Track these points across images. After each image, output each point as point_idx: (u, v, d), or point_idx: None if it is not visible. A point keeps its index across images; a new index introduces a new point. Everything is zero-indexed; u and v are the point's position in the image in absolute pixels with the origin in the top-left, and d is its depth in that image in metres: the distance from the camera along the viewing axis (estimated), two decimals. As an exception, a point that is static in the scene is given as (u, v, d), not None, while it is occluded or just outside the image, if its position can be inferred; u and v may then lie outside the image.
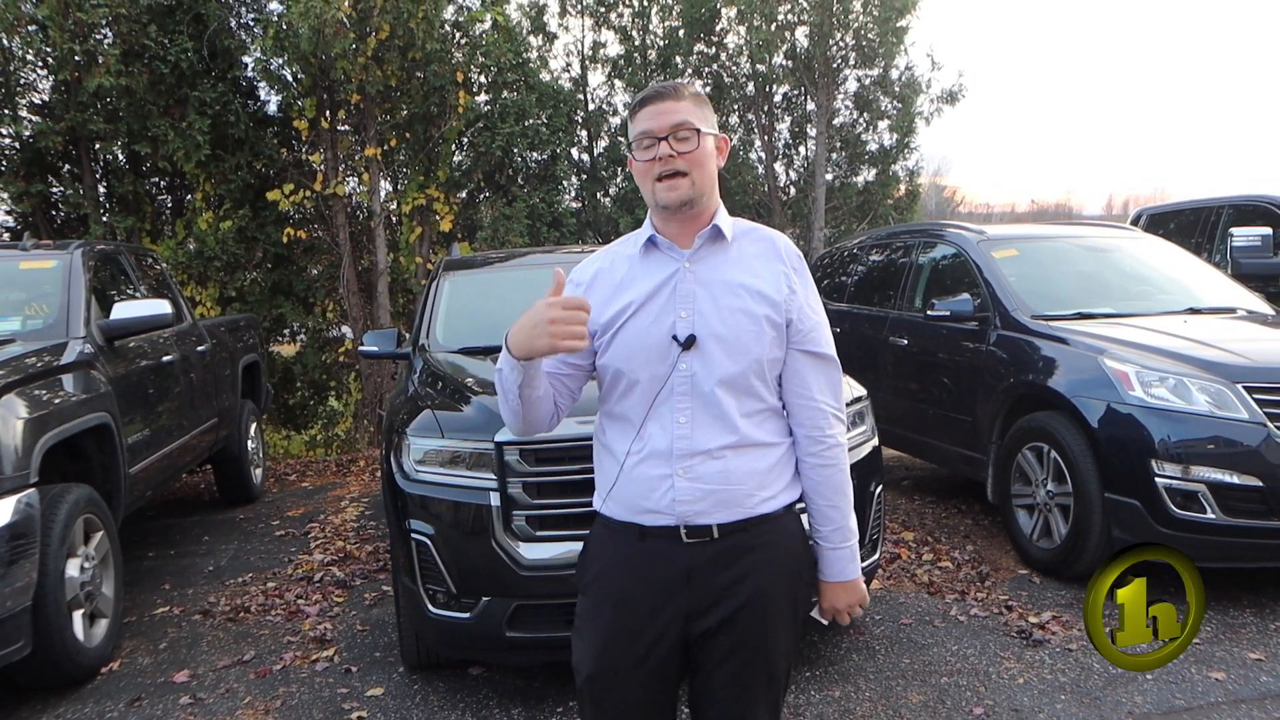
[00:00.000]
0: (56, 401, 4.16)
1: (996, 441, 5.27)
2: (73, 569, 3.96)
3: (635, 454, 1.90)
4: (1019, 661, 3.85)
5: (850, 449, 3.65)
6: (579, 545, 3.20)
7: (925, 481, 7.01)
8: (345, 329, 11.29)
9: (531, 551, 3.27)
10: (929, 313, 5.72)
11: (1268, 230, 6.90)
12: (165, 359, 5.66)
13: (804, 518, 2.01)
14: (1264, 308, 5.63)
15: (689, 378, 1.87)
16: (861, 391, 3.95)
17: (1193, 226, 8.72)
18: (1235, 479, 4.17)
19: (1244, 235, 6.93)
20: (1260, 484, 4.14)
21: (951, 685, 3.66)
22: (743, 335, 1.87)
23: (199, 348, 6.39)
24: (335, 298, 10.81)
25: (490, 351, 4.31)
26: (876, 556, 3.86)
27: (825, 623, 2.04)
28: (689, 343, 1.86)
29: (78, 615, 3.98)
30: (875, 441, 3.91)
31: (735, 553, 1.88)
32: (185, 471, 6.50)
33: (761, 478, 1.90)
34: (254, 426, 7.59)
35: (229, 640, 4.44)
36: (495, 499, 3.27)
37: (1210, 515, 4.19)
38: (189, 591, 5.18)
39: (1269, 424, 4.19)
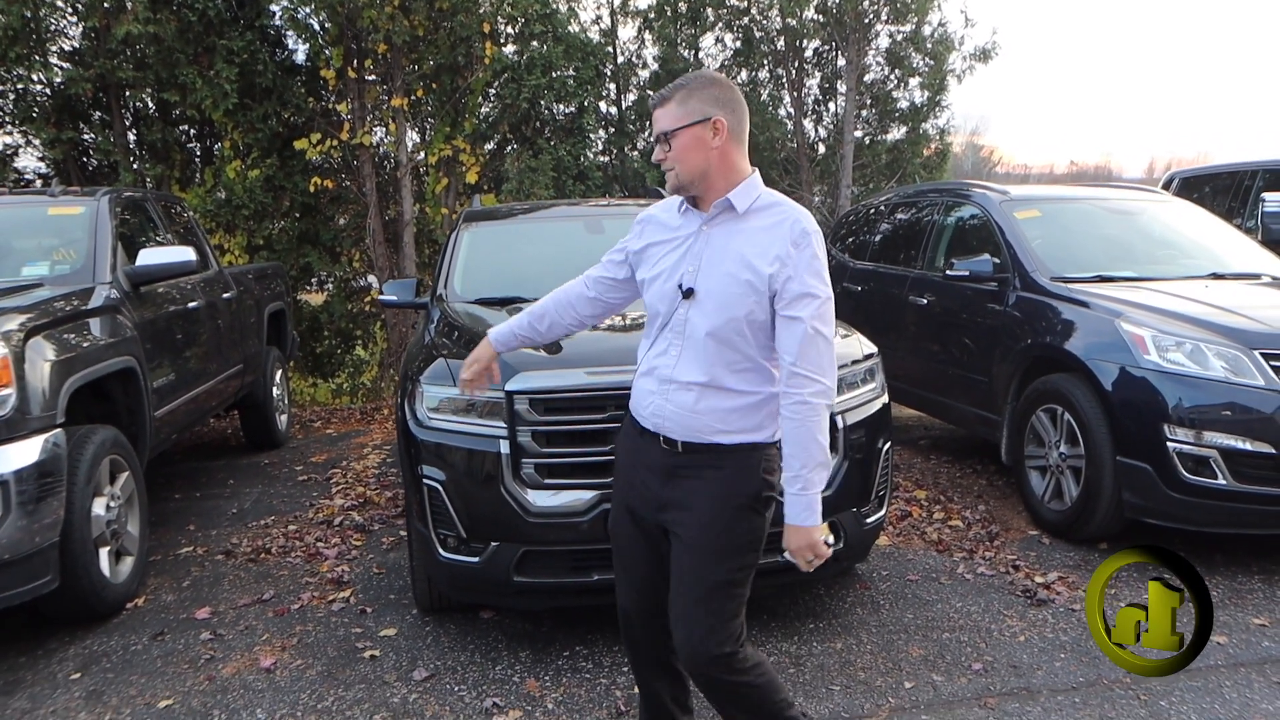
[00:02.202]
0: (83, 345, 4.26)
1: (1012, 403, 5.27)
2: (99, 507, 4.08)
3: (642, 366, 2.40)
4: (1022, 620, 3.90)
5: (859, 405, 3.72)
6: (586, 494, 3.34)
7: (942, 441, 7.02)
8: (371, 278, 11.38)
9: (539, 499, 3.34)
10: (948, 272, 5.70)
11: (1300, 195, 6.79)
12: (191, 305, 5.76)
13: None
14: (1290, 274, 5.56)
15: (684, 322, 2.28)
16: (871, 349, 3.97)
17: (1226, 190, 8.60)
18: (1248, 445, 4.16)
19: (1276, 200, 6.82)
20: (1273, 450, 4.13)
21: (953, 641, 3.71)
22: (727, 296, 2.21)
23: (224, 295, 6.48)
24: (361, 247, 10.89)
25: (507, 303, 4.36)
26: (883, 513, 3.89)
27: (784, 560, 2.28)
28: (688, 293, 2.27)
29: (104, 552, 4.11)
30: (885, 399, 3.92)
31: (693, 468, 2.27)
32: (210, 416, 6.63)
33: (724, 416, 2.25)
34: (279, 373, 7.71)
35: (249, 580, 4.56)
36: (505, 447, 3.34)
37: (1221, 481, 4.19)
38: (213, 532, 5.32)
39: (1285, 390, 4.16)
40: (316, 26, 9.74)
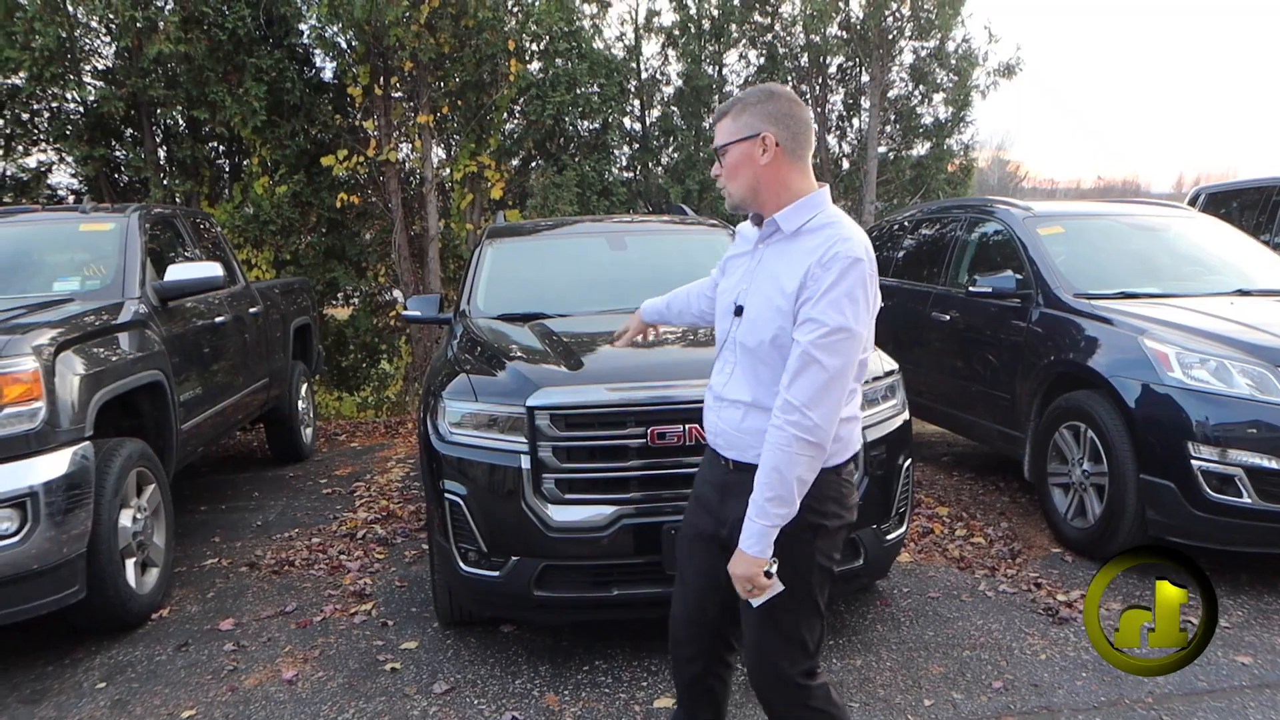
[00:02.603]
0: (112, 359, 4.34)
1: (1034, 420, 5.25)
2: (125, 519, 4.14)
3: (710, 382, 2.39)
4: (1043, 638, 3.87)
5: (879, 422, 3.72)
6: (606, 509, 3.35)
7: (965, 458, 6.98)
8: (397, 293, 11.48)
9: (560, 514, 3.35)
10: (971, 289, 5.69)
11: (1329, 211, 6.72)
12: (218, 320, 5.83)
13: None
14: (1318, 290, 5.51)
15: (735, 341, 2.28)
16: (892, 365, 3.96)
17: (1253, 206, 8.53)
18: (1274, 464, 4.12)
19: (1303, 216, 6.76)
20: (1300, 469, 4.08)
21: (973, 659, 3.69)
22: (761, 318, 2.18)
23: (251, 309, 6.57)
24: (387, 262, 10.99)
25: (529, 318, 4.40)
26: (903, 530, 3.88)
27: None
28: (738, 311, 2.27)
29: (130, 563, 4.16)
30: (906, 415, 3.92)
31: (743, 486, 2.17)
32: (236, 430, 6.70)
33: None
34: (305, 387, 7.78)
35: (273, 592, 4.61)
36: (526, 462, 3.36)
37: (1246, 500, 4.15)
38: (237, 544, 5.37)
39: (1312, 409, 4.12)
40: (344, 45, 9.89)
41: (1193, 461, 4.23)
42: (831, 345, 2.04)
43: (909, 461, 3.89)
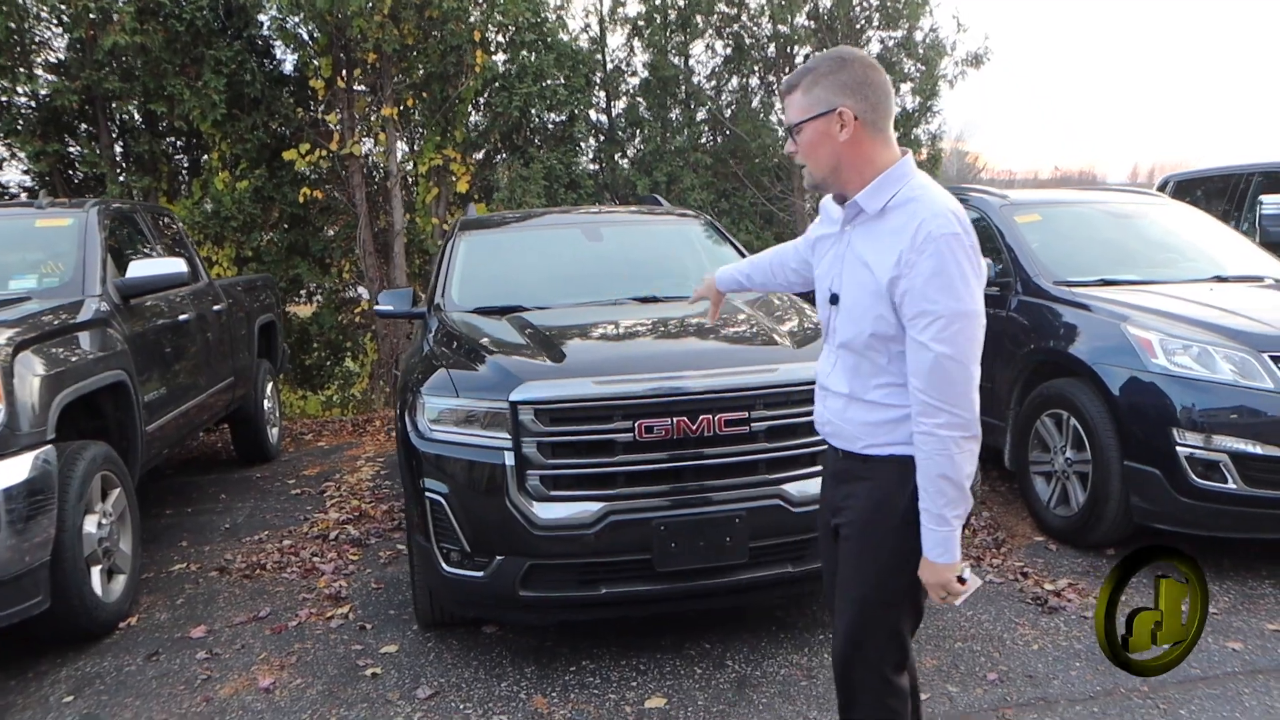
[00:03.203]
0: (73, 359, 4.17)
1: (1015, 408, 5.23)
2: (90, 525, 3.98)
3: (817, 369, 2.29)
4: (1034, 628, 3.83)
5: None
6: (593, 505, 3.26)
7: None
8: (361, 290, 11.30)
9: (545, 511, 3.25)
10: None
11: (1297, 197, 6.78)
12: (181, 318, 5.67)
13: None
14: (1291, 276, 5.54)
15: (834, 330, 2.16)
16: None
17: (1221, 193, 8.59)
18: (1259, 449, 4.12)
19: (1274, 202, 6.81)
20: (1284, 454, 4.08)
21: (965, 650, 3.65)
22: (857, 307, 2.05)
23: (215, 307, 6.39)
24: (351, 258, 10.79)
25: (506, 311, 4.29)
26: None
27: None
28: (834, 300, 2.14)
29: (95, 571, 4.01)
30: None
31: (851, 476, 2.15)
32: (201, 430, 6.53)
33: (871, 428, 2.09)
34: (270, 386, 7.60)
35: (245, 597, 4.47)
36: (510, 458, 3.26)
37: (1231, 485, 4.14)
38: (206, 549, 5.22)
39: (1294, 393, 4.12)
40: (305, 36, 9.67)
41: (1178, 448, 4.21)
42: (952, 334, 1.89)
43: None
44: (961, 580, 2.00)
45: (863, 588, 2.12)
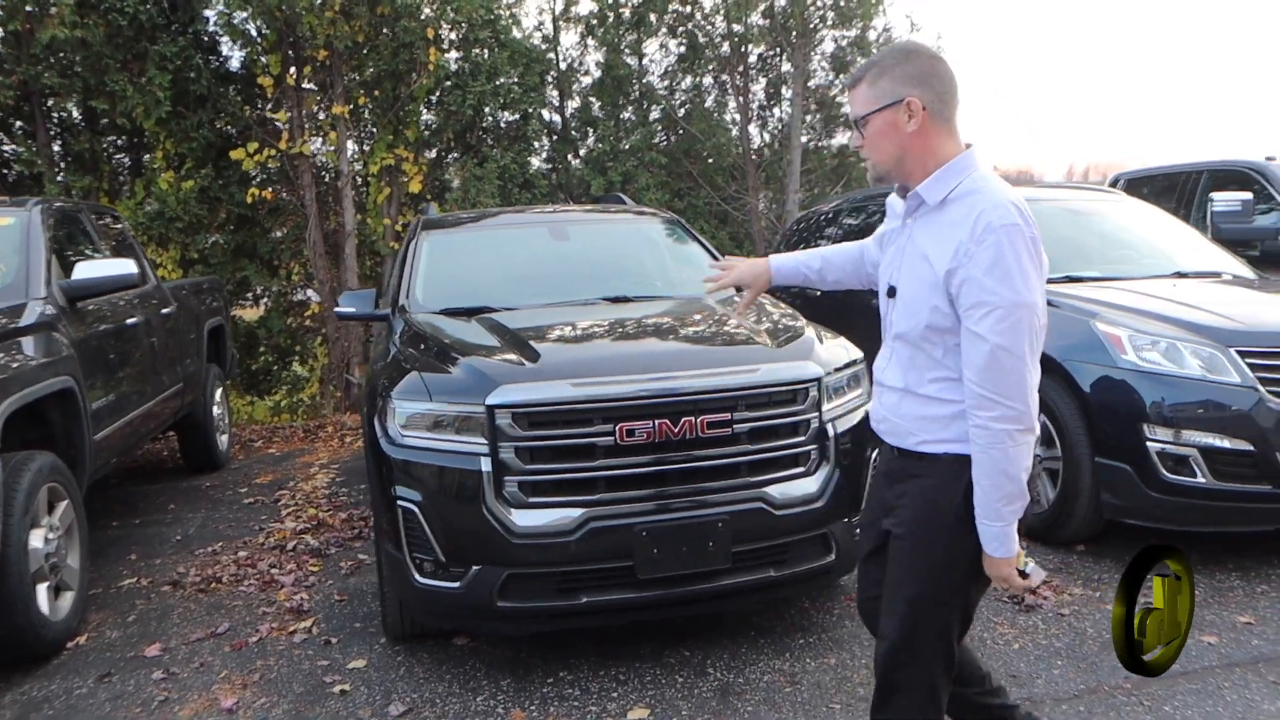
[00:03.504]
0: (15, 365, 3.97)
1: (983, 406, 5.21)
2: (36, 540, 3.79)
3: (874, 365, 2.28)
4: (1013, 627, 3.81)
5: (847, 413, 3.61)
6: (573, 512, 3.16)
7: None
8: (311, 293, 11.05)
9: (524, 518, 3.14)
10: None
11: (1248, 195, 6.89)
12: (129, 321, 5.45)
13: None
14: (1246, 272, 5.61)
15: (891, 323, 2.15)
16: (857, 354, 3.86)
17: (1169, 191, 8.70)
18: (1227, 443, 4.14)
19: (1224, 200, 6.91)
20: (1251, 448, 4.10)
21: (947, 652, 3.60)
22: (914, 299, 2.04)
23: (163, 310, 6.17)
24: (301, 260, 10.55)
25: (475, 312, 4.17)
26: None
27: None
28: (891, 292, 2.13)
29: (42, 588, 3.82)
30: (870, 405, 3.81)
31: (905, 474, 2.13)
32: (150, 438, 6.30)
33: (926, 424, 2.07)
34: (219, 392, 7.38)
35: (201, 612, 4.29)
36: (486, 464, 3.14)
37: (1201, 480, 4.16)
38: (157, 562, 5.02)
39: (1260, 388, 4.15)
40: (253, 32, 9.42)
41: (1148, 443, 4.22)
42: (1009, 326, 1.87)
43: (875, 453, 3.79)
44: (1024, 574, 2.02)
45: (916, 585, 2.10)
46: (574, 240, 5.01)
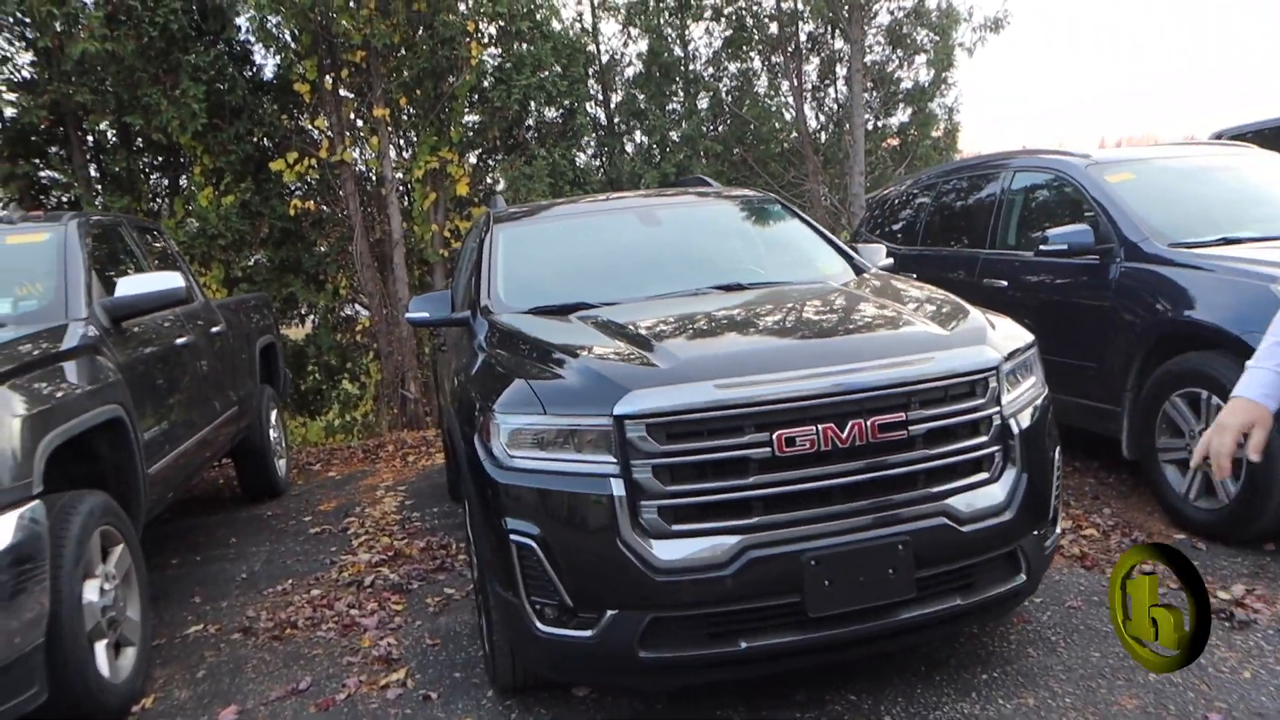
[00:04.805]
0: (59, 394, 3.49)
1: (1133, 390, 4.62)
2: (91, 592, 3.31)
3: None
4: (1232, 649, 3.21)
5: (1027, 405, 3.01)
6: (727, 539, 2.59)
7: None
8: (359, 307, 10.64)
9: (667, 551, 2.60)
10: (1042, 248, 5.02)
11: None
12: (179, 341, 4.99)
13: None
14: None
15: None
16: (1029, 337, 3.27)
17: (1271, 144, 8.03)
18: None
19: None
20: None
21: (1166, 684, 3.01)
22: None
23: (213, 329, 5.71)
24: (348, 273, 10.12)
25: (569, 310, 3.64)
26: (1059, 532, 3.21)
27: None
28: None
29: (100, 646, 3.34)
30: (1047, 394, 3.23)
31: None
32: (207, 468, 5.85)
33: None
34: (275, 414, 6.93)
35: (278, 663, 3.80)
36: (619, 487, 2.60)
37: None
38: (223, 604, 4.55)
39: None
40: (287, 37, 8.99)
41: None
42: None
43: (1058, 449, 3.21)
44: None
45: None
46: (667, 226, 4.47)
